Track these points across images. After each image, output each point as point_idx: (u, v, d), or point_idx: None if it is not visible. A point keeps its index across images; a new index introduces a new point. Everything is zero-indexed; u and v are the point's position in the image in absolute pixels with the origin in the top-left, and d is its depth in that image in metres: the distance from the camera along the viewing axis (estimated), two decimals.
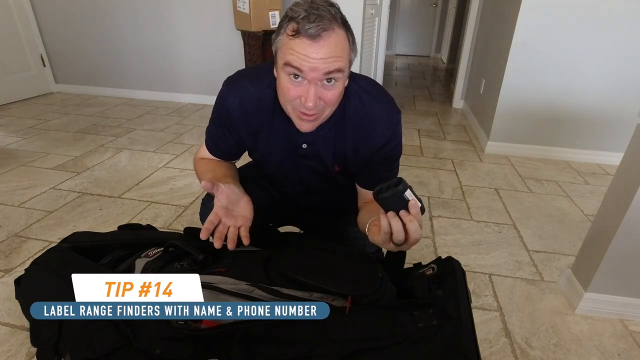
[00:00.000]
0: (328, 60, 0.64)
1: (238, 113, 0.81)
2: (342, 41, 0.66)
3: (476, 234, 1.50)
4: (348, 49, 0.68)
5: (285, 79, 0.68)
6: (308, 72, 0.65)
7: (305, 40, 0.63)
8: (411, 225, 0.59)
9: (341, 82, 0.70)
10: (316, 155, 0.84)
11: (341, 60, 0.66)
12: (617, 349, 1.01)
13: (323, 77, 0.66)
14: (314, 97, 0.67)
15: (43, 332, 0.72)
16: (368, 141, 0.80)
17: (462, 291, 0.68)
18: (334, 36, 0.64)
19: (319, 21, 0.62)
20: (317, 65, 0.64)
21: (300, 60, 0.64)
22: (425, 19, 6.73)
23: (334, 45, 0.64)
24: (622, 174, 1.01)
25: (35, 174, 1.86)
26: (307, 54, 0.63)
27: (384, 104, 0.80)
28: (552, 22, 2.00)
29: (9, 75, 2.98)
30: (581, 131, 2.21)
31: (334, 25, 0.64)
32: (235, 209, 0.76)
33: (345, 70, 0.69)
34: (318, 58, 0.63)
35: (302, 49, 0.63)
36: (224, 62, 3.02)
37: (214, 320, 0.69)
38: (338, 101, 0.73)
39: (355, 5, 2.49)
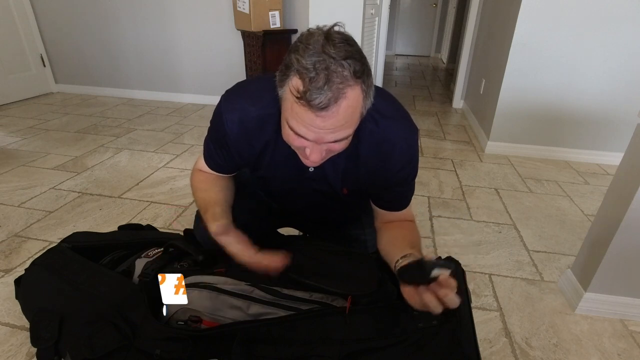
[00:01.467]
0: (336, 130, 0.58)
1: (237, 133, 0.73)
2: (355, 104, 0.57)
3: (476, 234, 1.50)
4: (361, 107, 0.59)
5: (288, 130, 0.61)
6: (313, 139, 0.59)
7: (311, 111, 0.55)
8: (447, 299, 0.55)
9: (351, 137, 0.63)
10: (323, 179, 0.79)
11: (348, 129, 0.59)
12: (617, 349, 1.01)
13: (331, 142, 0.60)
14: (318, 155, 0.62)
15: (43, 332, 0.72)
16: (385, 165, 0.74)
17: (462, 291, 0.68)
18: (345, 103, 0.55)
19: (329, 88, 0.53)
20: (322, 136, 0.58)
21: (304, 129, 0.58)
22: (425, 19, 6.73)
23: (343, 115, 0.56)
24: (622, 174, 1.01)
25: (35, 174, 1.86)
26: (314, 124, 0.57)
27: (401, 124, 0.73)
28: (552, 22, 2.00)
29: (9, 75, 2.98)
30: (581, 131, 2.21)
31: (346, 88, 0.55)
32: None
33: (355, 129, 0.62)
34: (325, 129, 0.57)
35: (309, 119, 0.56)
36: (224, 62, 3.02)
37: (213, 320, 0.70)
38: (347, 144, 0.67)
39: (355, 5, 2.49)
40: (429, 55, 7.01)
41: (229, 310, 0.70)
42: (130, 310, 0.69)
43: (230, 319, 0.69)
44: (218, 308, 0.70)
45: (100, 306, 0.72)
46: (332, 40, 0.54)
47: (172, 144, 2.31)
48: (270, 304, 0.70)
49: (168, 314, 0.71)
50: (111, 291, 0.74)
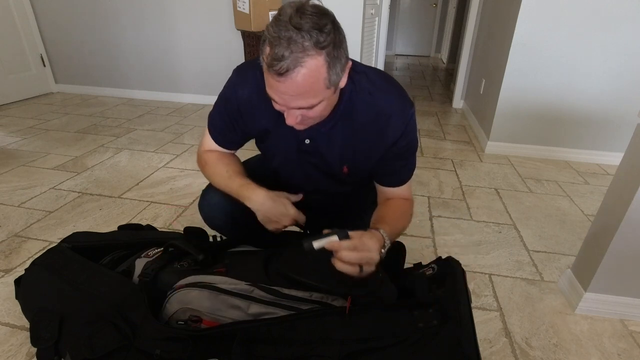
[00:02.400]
0: (296, 98, 0.62)
1: (247, 103, 0.79)
2: (314, 74, 0.60)
3: (476, 234, 1.50)
4: (322, 80, 0.61)
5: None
6: (281, 103, 0.64)
7: (274, 76, 0.60)
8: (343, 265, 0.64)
9: (322, 103, 0.66)
10: (318, 153, 0.82)
11: (311, 97, 0.63)
12: (617, 349, 1.01)
13: (297, 108, 0.65)
14: (293, 119, 0.67)
15: (43, 332, 0.72)
16: (381, 137, 0.77)
17: (462, 291, 0.68)
18: (303, 72, 0.58)
19: (289, 56, 0.57)
20: (287, 102, 0.63)
21: (272, 92, 0.64)
22: (425, 19, 6.73)
23: (302, 82, 0.59)
24: (622, 174, 1.01)
25: (35, 174, 1.86)
26: (277, 89, 0.62)
27: (396, 97, 0.76)
28: (552, 22, 2.00)
29: (9, 75, 2.97)
30: (581, 131, 2.21)
31: (306, 57, 0.58)
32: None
33: (324, 97, 0.65)
34: (287, 95, 0.62)
35: (274, 83, 0.61)
36: (224, 62, 3.02)
37: (213, 320, 0.70)
38: (327, 112, 0.71)
39: (355, 5, 2.49)
40: (429, 55, 7.01)
41: (229, 310, 0.70)
42: (130, 310, 0.69)
43: (230, 318, 0.69)
44: (218, 308, 0.70)
45: (100, 306, 0.72)
46: (302, 12, 0.58)
47: (172, 144, 2.31)
48: (270, 303, 0.70)
49: (167, 313, 0.71)
50: (111, 291, 0.74)
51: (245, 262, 0.82)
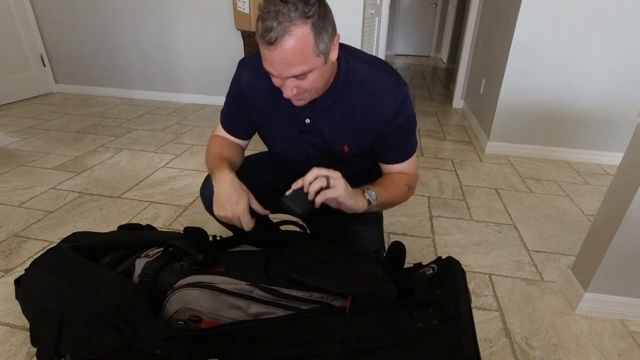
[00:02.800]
0: (287, 66, 0.67)
1: (248, 88, 0.86)
2: (302, 42, 0.64)
3: (476, 234, 1.50)
4: (311, 46, 0.66)
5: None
6: (276, 74, 0.69)
7: (266, 47, 0.65)
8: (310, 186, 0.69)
9: (314, 72, 0.70)
10: (319, 133, 0.86)
11: (302, 64, 0.67)
12: (617, 349, 1.01)
13: (290, 76, 0.69)
14: (289, 90, 0.71)
15: (43, 332, 0.72)
16: (377, 113, 0.81)
17: (462, 291, 0.68)
18: (292, 39, 0.63)
19: (277, 26, 0.62)
20: (280, 71, 0.68)
21: (266, 64, 0.69)
22: (425, 19, 6.73)
23: (291, 50, 0.64)
24: (622, 174, 1.01)
25: (35, 174, 1.86)
26: (270, 58, 0.66)
27: (391, 76, 0.81)
28: (552, 22, 2.00)
29: (9, 75, 2.98)
30: (581, 131, 2.21)
31: (292, 27, 0.63)
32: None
33: (315, 64, 0.69)
34: (279, 64, 0.66)
35: (267, 54, 0.66)
36: (224, 62, 3.02)
37: (213, 320, 0.70)
38: (321, 82, 0.75)
39: (355, 5, 2.49)
40: (429, 55, 7.01)
41: (229, 310, 0.70)
42: (130, 310, 0.69)
43: (230, 318, 0.69)
44: (218, 308, 0.70)
45: (100, 306, 0.72)
46: None
47: (172, 144, 2.31)
48: (270, 303, 0.70)
49: (167, 313, 0.71)
50: (111, 291, 0.74)
51: (245, 262, 0.82)
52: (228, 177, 0.81)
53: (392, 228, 1.52)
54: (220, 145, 0.93)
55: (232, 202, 0.78)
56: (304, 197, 0.70)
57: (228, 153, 0.92)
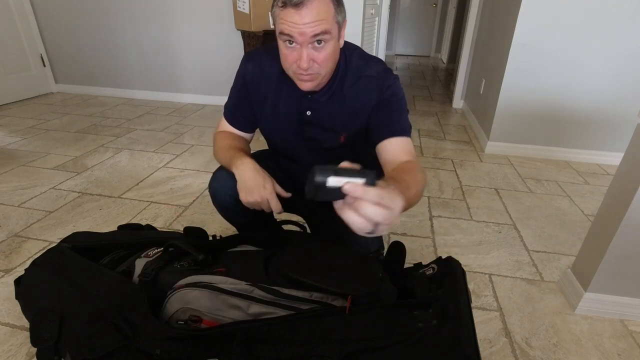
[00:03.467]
0: (312, 24, 0.71)
1: (251, 78, 0.91)
2: (325, 6, 0.72)
3: (476, 234, 1.50)
4: (333, 12, 0.74)
5: (282, 46, 0.77)
6: (297, 37, 0.72)
7: (291, 10, 0.71)
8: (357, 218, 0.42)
9: (331, 43, 0.76)
10: (320, 123, 0.90)
11: (325, 23, 0.72)
12: (617, 349, 1.01)
13: (312, 40, 0.73)
14: (307, 59, 0.75)
15: (43, 332, 0.72)
16: (369, 96, 0.86)
17: (462, 291, 0.68)
18: (317, 2, 0.71)
19: None
20: (303, 30, 0.72)
21: (289, 27, 0.72)
22: (425, 19, 6.73)
23: (316, 11, 0.71)
24: (622, 174, 1.01)
25: (35, 174, 1.86)
26: (294, 21, 0.71)
27: (381, 67, 0.88)
28: (552, 22, 2.00)
29: (9, 75, 2.98)
30: (581, 131, 2.21)
31: None
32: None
33: (333, 31, 0.75)
34: (303, 23, 0.71)
35: (290, 17, 0.71)
36: (224, 62, 3.02)
37: (213, 320, 0.70)
38: (332, 61, 0.80)
39: (355, 5, 2.49)
40: (429, 55, 7.01)
41: (229, 310, 0.70)
42: (130, 310, 0.69)
43: (230, 318, 0.69)
44: (218, 308, 0.70)
45: (100, 306, 0.72)
46: None
47: (172, 144, 2.31)
48: (270, 303, 0.70)
49: (167, 313, 0.71)
50: (111, 291, 0.74)
51: (245, 262, 0.82)
52: (250, 164, 0.84)
53: (392, 228, 1.52)
54: (231, 138, 0.96)
55: (260, 186, 0.81)
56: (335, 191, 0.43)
57: (240, 145, 0.95)
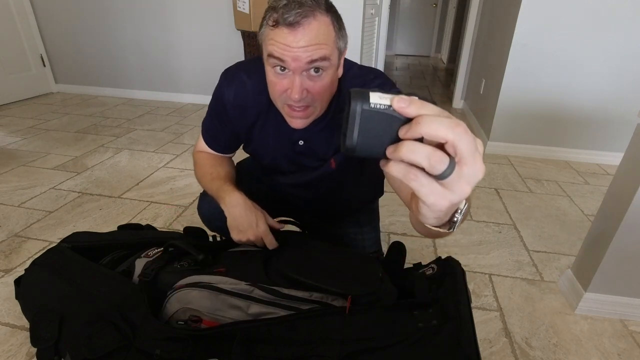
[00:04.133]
0: (310, 49, 0.61)
1: (233, 104, 0.79)
2: (326, 27, 0.62)
3: (476, 234, 1.50)
4: (333, 36, 0.64)
5: (270, 72, 0.66)
6: (290, 62, 0.62)
7: (284, 30, 0.60)
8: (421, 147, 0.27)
9: (329, 72, 0.66)
10: (313, 153, 0.82)
11: (325, 48, 0.62)
12: (617, 349, 1.01)
13: (307, 67, 0.63)
14: (300, 89, 0.64)
15: (43, 332, 0.72)
16: None
17: (462, 291, 0.68)
18: (316, 23, 0.61)
19: (299, 8, 0.59)
20: (298, 55, 0.61)
21: (281, 50, 0.61)
22: (425, 19, 6.73)
23: (315, 33, 0.61)
24: (622, 174, 1.01)
25: (35, 174, 1.86)
26: (288, 43, 0.60)
27: (379, 82, 0.77)
28: (552, 22, 2.00)
29: (9, 75, 2.98)
30: (581, 131, 2.21)
31: (316, 11, 0.61)
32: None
33: (333, 59, 0.65)
34: (299, 47, 0.60)
35: (283, 38, 0.61)
36: (224, 62, 3.02)
37: (213, 320, 0.70)
38: (328, 93, 0.70)
39: (355, 5, 2.49)
40: (429, 55, 7.01)
41: (229, 310, 0.70)
42: (130, 310, 0.69)
43: (230, 318, 0.69)
44: (218, 308, 0.70)
45: (100, 306, 0.71)
46: None
47: (172, 144, 2.31)
48: (270, 303, 0.70)
49: (167, 313, 0.71)
50: (111, 291, 0.74)
51: (245, 262, 0.82)
52: (240, 199, 0.77)
53: (392, 228, 1.52)
54: (212, 164, 0.87)
55: (252, 225, 0.76)
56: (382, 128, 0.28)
57: (224, 170, 0.87)
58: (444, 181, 0.28)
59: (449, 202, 0.30)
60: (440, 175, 0.28)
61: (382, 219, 1.56)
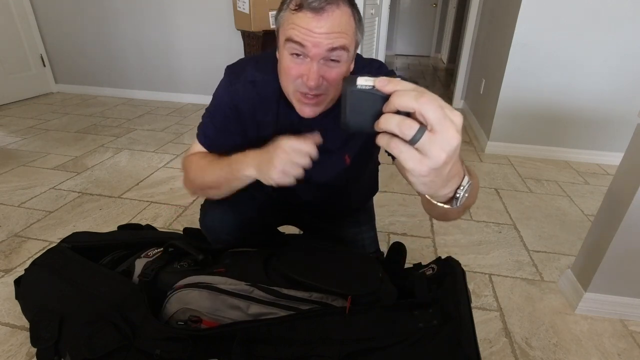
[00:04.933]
0: (332, 36, 0.60)
1: (243, 100, 0.76)
2: (348, 18, 0.62)
3: (476, 234, 1.50)
4: (354, 27, 0.64)
5: (286, 57, 0.64)
6: (311, 47, 0.61)
7: (308, 14, 0.59)
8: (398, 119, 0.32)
9: (346, 63, 0.65)
10: (323, 146, 0.76)
11: (346, 37, 0.62)
12: (617, 349, 1.01)
13: (326, 55, 0.62)
14: (317, 75, 0.62)
15: (43, 332, 0.72)
16: None
17: (462, 291, 0.68)
18: (339, 11, 0.60)
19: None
20: (320, 41, 0.60)
21: (302, 34, 0.60)
22: (425, 19, 6.73)
23: (338, 20, 0.60)
24: (622, 174, 1.01)
25: (35, 174, 1.86)
26: (310, 28, 0.60)
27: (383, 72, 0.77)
28: (552, 22, 2.00)
29: (9, 75, 2.98)
30: (581, 131, 2.21)
31: (340, 1, 0.61)
32: None
33: (351, 50, 0.65)
34: (321, 32, 0.60)
35: (305, 22, 0.60)
36: (224, 62, 2.99)
37: (213, 320, 0.70)
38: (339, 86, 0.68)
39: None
40: (429, 55, 7.01)
41: (229, 310, 0.70)
42: (130, 310, 0.69)
43: (230, 319, 0.69)
44: (218, 308, 0.70)
45: (100, 306, 0.72)
46: None
47: (172, 144, 2.31)
48: (270, 304, 0.70)
49: (167, 313, 0.71)
50: (111, 291, 0.74)
51: (245, 262, 0.82)
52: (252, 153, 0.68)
53: (392, 228, 1.52)
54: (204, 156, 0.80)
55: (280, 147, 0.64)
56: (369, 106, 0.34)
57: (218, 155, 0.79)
58: (417, 146, 0.32)
59: (427, 167, 0.33)
60: (411, 140, 0.32)
61: (382, 219, 1.56)
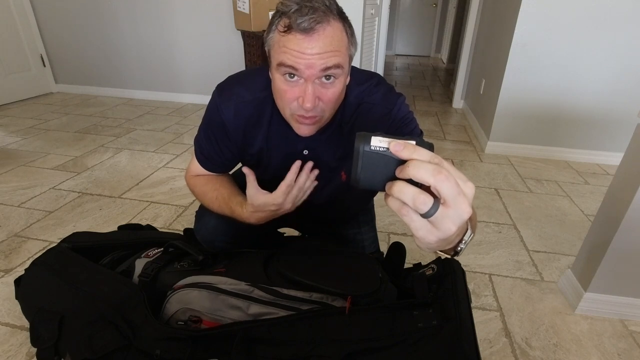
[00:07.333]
0: (324, 56, 0.59)
1: (234, 122, 0.75)
2: (339, 34, 0.60)
3: (476, 234, 1.50)
4: (346, 43, 0.62)
5: (280, 80, 0.63)
6: (304, 70, 0.59)
7: (298, 35, 0.57)
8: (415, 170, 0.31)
9: (341, 79, 0.64)
10: (319, 162, 0.78)
11: (339, 55, 0.60)
12: (617, 349, 1.01)
13: (321, 75, 0.60)
14: (312, 97, 0.61)
15: (43, 332, 0.72)
16: (372, 122, 0.73)
17: (462, 291, 0.68)
18: (330, 29, 0.59)
19: (312, 13, 0.57)
20: (313, 62, 0.58)
21: (294, 57, 0.58)
22: (425, 19, 6.73)
23: (330, 39, 0.58)
24: (622, 174, 1.01)
25: (35, 174, 1.86)
26: (301, 49, 0.58)
27: (382, 89, 0.75)
28: (552, 22, 2.00)
29: (9, 75, 2.98)
30: (581, 131, 2.21)
31: (329, 17, 0.59)
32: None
33: (345, 66, 0.63)
34: (313, 53, 0.58)
35: (296, 45, 0.58)
36: (224, 62, 3.02)
37: (213, 320, 0.70)
38: (339, 101, 0.68)
39: (355, 5, 2.49)
40: (429, 55, 7.01)
41: (229, 310, 0.70)
42: (131, 311, 0.69)
43: (230, 319, 0.69)
44: (218, 308, 0.70)
45: (100, 306, 0.71)
46: None
47: (172, 144, 2.31)
48: (270, 304, 0.70)
49: (167, 313, 0.71)
50: (111, 291, 0.74)
51: (245, 262, 0.82)
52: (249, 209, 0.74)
53: (392, 228, 1.52)
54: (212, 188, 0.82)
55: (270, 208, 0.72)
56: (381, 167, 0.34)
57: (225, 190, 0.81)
58: (430, 219, 0.32)
59: (437, 238, 0.33)
60: (425, 214, 0.32)
61: (382, 219, 1.56)
